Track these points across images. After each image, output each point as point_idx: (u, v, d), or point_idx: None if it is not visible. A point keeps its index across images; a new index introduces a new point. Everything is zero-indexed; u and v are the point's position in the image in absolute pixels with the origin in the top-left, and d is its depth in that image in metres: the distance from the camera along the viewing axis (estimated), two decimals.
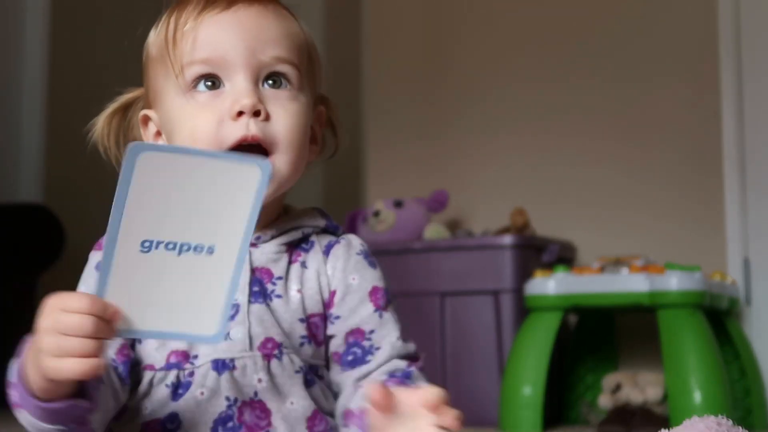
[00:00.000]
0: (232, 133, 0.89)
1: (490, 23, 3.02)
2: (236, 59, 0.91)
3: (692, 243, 2.63)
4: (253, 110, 0.89)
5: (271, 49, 0.92)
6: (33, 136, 3.74)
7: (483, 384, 2.50)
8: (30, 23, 3.77)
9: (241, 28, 0.91)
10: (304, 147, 0.94)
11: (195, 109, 0.91)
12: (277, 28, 0.93)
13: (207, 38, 0.91)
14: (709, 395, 2.10)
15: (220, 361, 0.90)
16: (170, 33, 0.93)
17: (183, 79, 0.91)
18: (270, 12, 0.94)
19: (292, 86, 0.93)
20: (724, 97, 2.63)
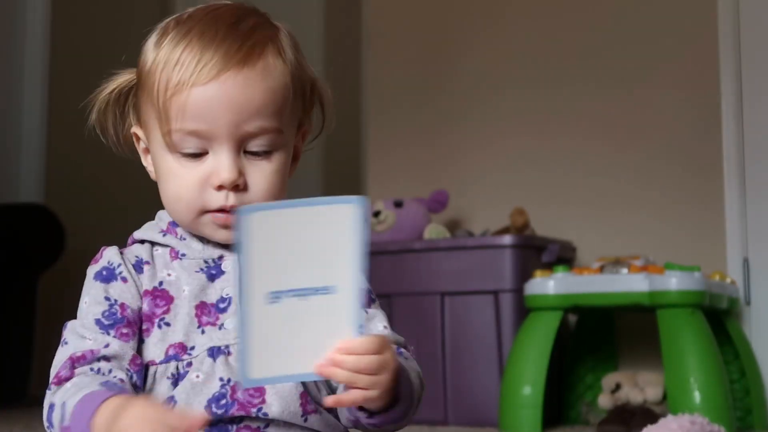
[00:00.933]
0: (213, 201, 0.97)
1: (491, 23, 3.02)
2: (221, 133, 0.96)
3: (692, 243, 2.63)
4: (231, 186, 0.97)
5: (255, 120, 0.97)
6: (33, 136, 3.74)
7: (483, 384, 2.50)
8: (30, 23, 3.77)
9: (228, 101, 0.96)
10: (282, 194, 1.01)
11: (178, 171, 0.98)
12: (262, 94, 0.97)
13: (196, 109, 0.96)
14: (709, 395, 2.11)
15: (215, 348, 0.96)
16: (160, 82, 0.97)
17: (169, 139, 0.98)
18: (258, 74, 0.97)
19: (273, 149, 0.99)
20: (723, 97, 2.63)
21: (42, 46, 3.78)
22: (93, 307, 0.98)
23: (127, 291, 0.99)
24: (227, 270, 1.00)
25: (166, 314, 0.98)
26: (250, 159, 0.98)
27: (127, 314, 0.97)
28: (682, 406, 2.11)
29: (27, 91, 3.75)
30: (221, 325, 0.97)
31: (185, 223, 1.01)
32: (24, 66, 3.76)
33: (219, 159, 0.97)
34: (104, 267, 1.00)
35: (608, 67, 2.82)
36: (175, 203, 0.99)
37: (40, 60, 3.77)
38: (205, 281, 1.00)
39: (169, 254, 1.02)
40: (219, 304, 0.99)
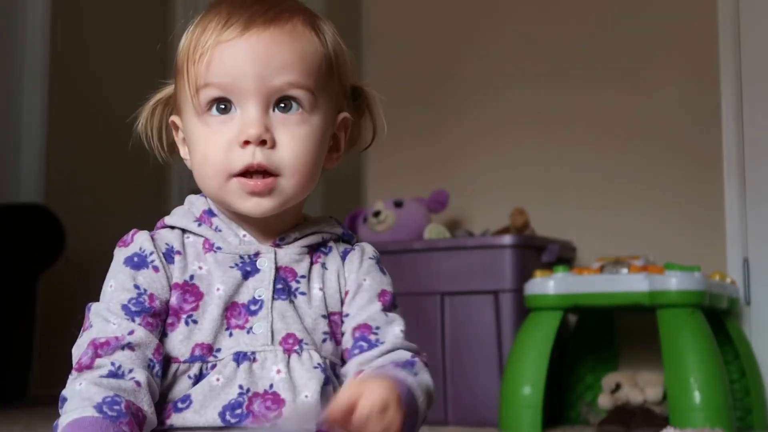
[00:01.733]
0: (240, 159, 0.94)
1: (491, 24, 3.02)
2: (247, 86, 0.94)
3: (692, 243, 2.63)
4: (258, 140, 0.94)
5: (283, 74, 0.95)
6: (33, 136, 3.74)
7: (483, 384, 2.50)
8: (30, 23, 3.77)
9: (253, 55, 0.94)
10: (313, 167, 0.98)
11: (207, 133, 0.96)
12: (290, 52, 0.95)
13: (220, 64, 0.94)
14: (709, 395, 2.11)
15: (241, 354, 0.95)
16: (190, 51, 0.97)
17: (197, 101, 0.96)
18: (285, 34, 0.96)
19: (304, 109, 0.96)
20: (723, 97, 2.63)
21: (42, 46, 3.78)
22: (120, 293, 0.95)
23: (158, 281, 0.96)
24: (262, 268, 0.98)
25: (195, 311, 0.96)
26: (280, 117, 0.95)
27: (155, 305, 0.95)
28: (682, 406, 2.11)
29: (27, 91, 3.75)
30: (250, 328, 0.96)
31: (213, 191, 0.97)
32: (24, 66, 3.76)
33: (246, 114, 0.95)
34: (136, 253, 0.97)
35: (608, 67, 2.82)
36: (202, 167, 0.97)
37: (40, 60, 3.77)
38: (240, 279, 0.97)
39: (202, 245, 0.99)
40: (250, 306, 0.97)
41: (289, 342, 0.96)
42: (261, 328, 0.96)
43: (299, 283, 0.99)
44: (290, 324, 0.97)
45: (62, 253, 3.21)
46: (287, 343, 0.96)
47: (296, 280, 0.99)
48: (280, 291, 0.98)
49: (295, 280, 0.99)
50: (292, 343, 0.96)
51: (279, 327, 0.96)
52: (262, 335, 0.95)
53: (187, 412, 0.93)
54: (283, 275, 0.99)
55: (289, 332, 0.96)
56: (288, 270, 0.99)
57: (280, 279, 0.98)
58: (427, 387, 0.97)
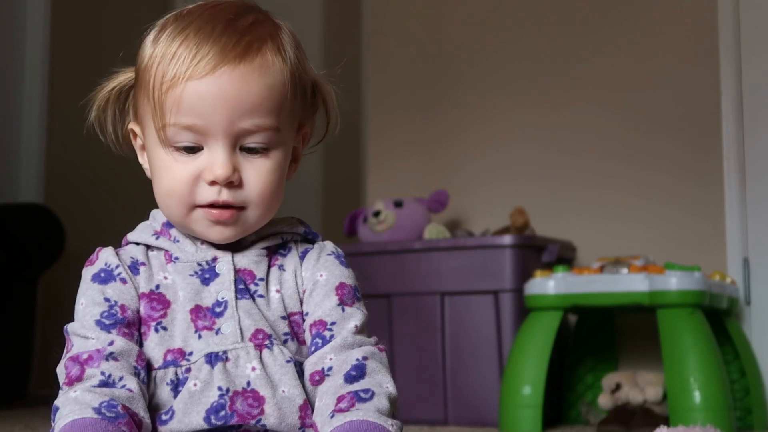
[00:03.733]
0: (205, 195, 0.97)
1: (492, 24, 3.02)
2: (216, 128, 0.95)
3: (692, 243, 2.63)
4: (225, 182, 0.96)
5: (251, 117, 0.96)
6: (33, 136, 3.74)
7: (483, 384, 2.50)
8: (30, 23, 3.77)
9: (224, 97, 0.94)
10: (277, 196, 1.00)
11: (172, 166, 0.97)
12: (259, 91, 0.96)
13: (191, 105, 0.95)
14: (709, 395, 2.11)
15: (213, 354, 0.95)
16: (155, 78, 0.96)
17: (164, 134, 0.97)
18: (255, 70, 0.96)
19: (269, 148, 0.98)
20: (723, 97, 2.63)
21: (42, 46, 3.78)
22: (91, 308, 0.97)
23: (127, 292, 0.98)
24: (221, 272, 1.00)
25: (163, 318, 0.97)
26: (246, 156, 0.97)
27: (128, 315, 0.96)
28: (682, 406, 2.11)
29: (27, 91, 3.75)
30: (218, 329, 0.97)
31: (177, 220, 0.99)
32: (24, 66, 3.76)
33: (213, 155, 0.96)
34: (102, 269, 0.99)
35: (609, 67, 2.82)
36: (167, 197, 0.98)
37: (40, 60, 3.77)
38: (199, 285, 0.99)
39: (163, 256, 1.01)
40: (215, 308, 0.98)
41: (258, 337, 0.97)
42: (229, 327, 0.97)
43: (257, 286, 1.00)
44: (257, 320, 0.98)
45: (62, 253, 3.21)
46: (257, 338, 0.97)
47: (255, 282, 1.00)
48: (242, 291, 0.99)
49: (254, 282, 1.00)
50: (261, 338, 0.97)
51: (247, 324, 0.97)
52: (231, 334, 0.96)
53: (172, 423, 0.94)
54: (243, 277, 1.00)
55: (257, 328, 0.97)
56: (247, 272, 1.00)
57: (240, 280, 0.99)
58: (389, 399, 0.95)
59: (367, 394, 0.93)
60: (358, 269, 1.08)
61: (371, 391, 0.94)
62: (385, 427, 0.90)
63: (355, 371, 0.95)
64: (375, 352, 0.98)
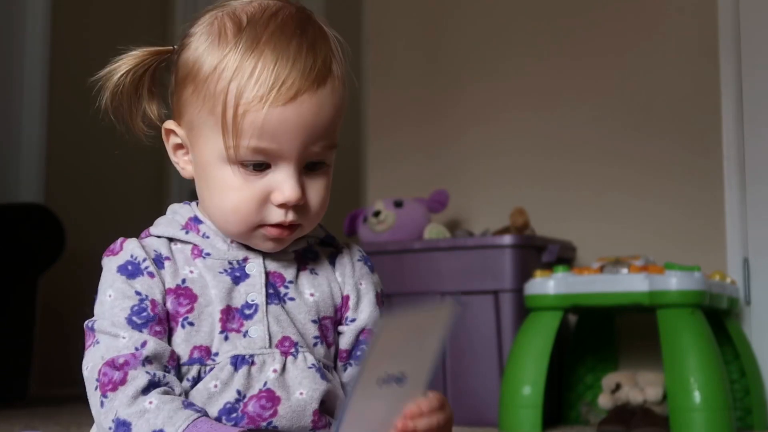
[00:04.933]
0: (273, 217, 0.96)
1: (492, 24, 3.02)
2: (290, 153, 0.94)
3: (692, 243, 2.63)
4: (294, 204, 0.96)
5: (322, 141, 0.96)
6: (33, 136, 3.74)
7: (483, 384, 2.50)
8: (30, 23, 3.77)
9: (303, 124, 0.94)
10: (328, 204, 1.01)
11: (240, 185, 0.95)
12: (331, 115, 0.96)
13: (271, 130, 0.93)
14: (709, 395, 2.11)
15: (240, 357, 0.95)
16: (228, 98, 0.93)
17: (235, 153, 0.94)
18: (328, 95, 0.95)
19: (329, 163, 0.99)
20: (723, 97, 2.63)
21: (42, 46, 3.78)
22: (121, 302, 0.94)
23: (155, 286, 0.95)
24: (252, 273, 0.99)
25: (190, 313, 0.96)
26: (310, 175, 0.97)
27: (158, 311, 0.95)
28: (682, 406, 2.11)
29: (27, 91, 3.75)
30: (245, 332, 0.96)
31: (235, 234, 0.98)
32: (24, 66, 3.76)
33: (284, 177, 0.95)
34: (128, 261, 0.96)
35: (609, 66, 2.82)
36: (232, 215, 0.96)
37: (40, 60, 3.77)
38: (231, 284, 0.97)
39: (190, 251, 0.99)
40: (244, 310, 0.97)
41: (285, 345, 0.97)
42: (258, 332, 0.96)
43: (288, 289, 1.00)
44: (285, 327, 0.98)
45: (62, 253, 3.21)
46: (283, 346, 0.97)
47: (284, 285, 1.00)
48: (272, 295, 0.99)
49: (284, 285, 1.00)
50: (288, 346, 0.97)
51: (275, 330, 0.97)
52: (260, 338, 0.96)
53: None
54: (272, 280, 1.00)
55: (285, 335, 0.97)
56: (276, 275, 1.00)
57: (270, 284, 0.99)
58: None
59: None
60: None
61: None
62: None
63: None
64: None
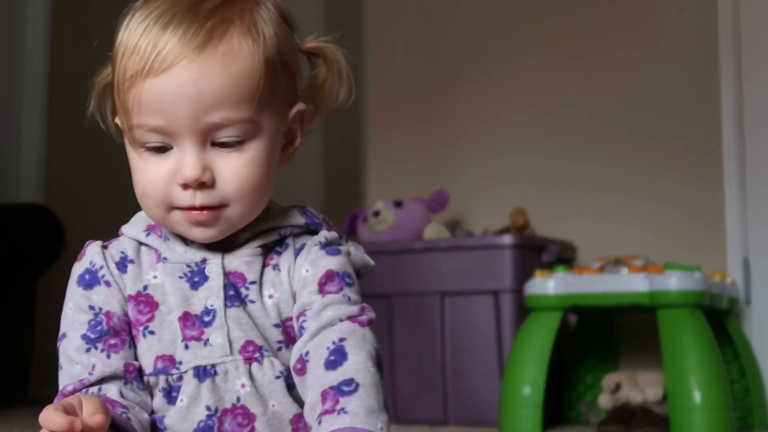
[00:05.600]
0: (181, 200, 0.91)
1: (492, 24, 3.02)
2: (180, 127, 0.89)
3: (692, 243, 2.63)
4: (196, 183, 0.90)
5: (217, 111, 0.89)
6: (33, 136, 3.74)
7: (483, 384, 2.50)
8: (30, 23, 3.77)
9: (184, 93, 0.88)
10: (261, 190, 0.93)
11: (144, 168, 0.93)
12: (224, 81, 0.89)
13: (151, 104, 0.89)
14: (709, 395, 2.10)
15: (201, 368, 0.92)
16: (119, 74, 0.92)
17: (131, 137, 0.92)
18: (218, 60, 0.89)
19: (244, 139, 0.91)
20: (724, 96, 2.63)
21: (42, 46, 3.78)
22: (78, 315, 0.95)
23: (112, 296, 0.94)
24: (211, 275, 0.94)
25: (150, 322, 0.94)
26: (219, 151, 0.91)
27: (113, 323, 0.93)
28: (682, 406, 2.11)
29: (27, 91, 3.75)
30: (206, 340, 0.93)
31: (157, 220, 0.95)
32: (24, 66, 3.76)
33: (182, 154, 0.90)
34: (87, 269, 0.96)
35: (609, 66, 2.82)
36: (143, 199, 0.94)
37: (40, 60, 3.77)
38: (188, 290, 0.94)
39: (155, 254, 0.97)
40: (203, 317, 0.93)
41: (248, 350, 0.93)
42: (218, 339, 0.92)
43: (249, 290, 0.94)
44: (247, 331, 0.93)
45: (62, 253, 3.21)
46: (247, 351, 0.93)
47: (245, 286, 0.94)
48: (232, 298, 0.94)
49: (245, 286, 0.94)
50: (252, 351, 0.93)
51: (236, 335, 0.93)
52: (220, 346, 0.92)
53: None
54: (233, 281, 0.94)
55: (247, 339, 0.93)
56: (237, 275, 0.95)
57: (230, 285, 0.94)
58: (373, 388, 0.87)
59: (350, 386, 0.86)
60: None
61: (354, 383, 0.86)
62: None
63: (333, 356, 0.88)
64: (354, 329, 0.90)
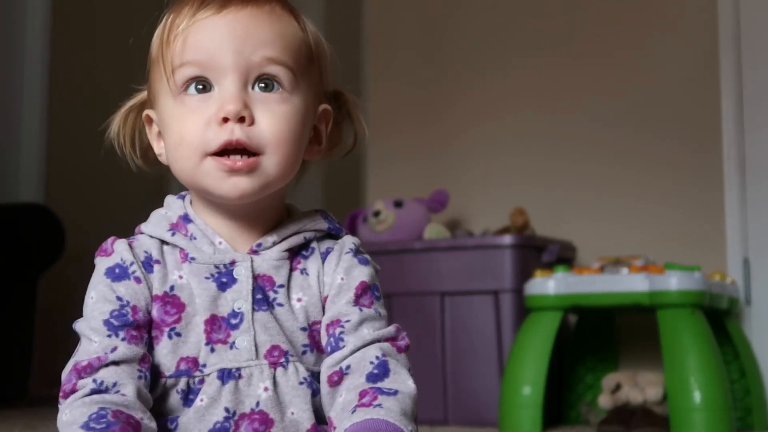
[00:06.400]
0: (217, 137, 0.90)
1: (492, 24, 3.02)
2: (225, 62, 0.91)
3: (692, 243, 2.63)
4: (237, 117, 0.90)
5: (261, 50, 0.92)
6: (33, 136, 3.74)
7: (483, 384, 2.50)
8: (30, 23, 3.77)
9: (231, 30, 0.91)
10: (296, 148, 0.94)
11: (184, 113, 0.92)
12: (269, 29, 0.93)
13: (197, 42, 0.92)
14: (709, 395, 2.11)
15: (226, 371, 0.92)
16: (165, 35, 0.94)
17: (173, 81, 0.92)
18: (264, 13, 0.93)
19: (284, 88, 0.93)
20: (723, 96, 2.63)
21: (42, 46, 3.78)
22: (101, 305, 0.92)
23: (140, 293, 0.93)
24: (239, 278, 0.94)
25: (177, 323, 0.93)
26: (260, 95, 0.92)
27: (139, 318, 0.92)
28: (682, 406, 2.11)
29: (27, 91, 3.75)
30: (232, 343, 0.92)
31: (188, 173, 0.93)
32: (24, 66, 3.76)
33: (224, 91, 0.91)
34: (117, 263, 0.94)
35: (610, 66, 2.82)
36: (177, 148, 0.93)
37: (40, 60, 3.77)
38: (216, 291, 0.93)
39: (179, 253, 0.96)
40: (230, 320, 0.93)
41: (274, 355, 0.93)
42: (244, 342, 0.92)
43: (277, 294, 0.95)
44: (274, 336, 0.93)
45: (62, 253, 3.21)
46: (272, 356, 0.93)
47: (274, 290, 0.95)
48: (260, 301, 0.94)
49: (273, 290, 0.95)
50: (277, 356, 0.93)
51: (263, 340, 0.93)
52: (246, 350, 0.92)
53: None
54: (261, 284, 0.95)
55: (273, 344, 0.93)
56: (266, 278, 0.95)
57: (258, 289, 0.94)
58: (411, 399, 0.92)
59: (391, 390, 0.90)
60: None
61: (395, 390, 0.91)
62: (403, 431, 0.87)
63: (377, 370, 0.92)
64: (393, 352, 0.95)
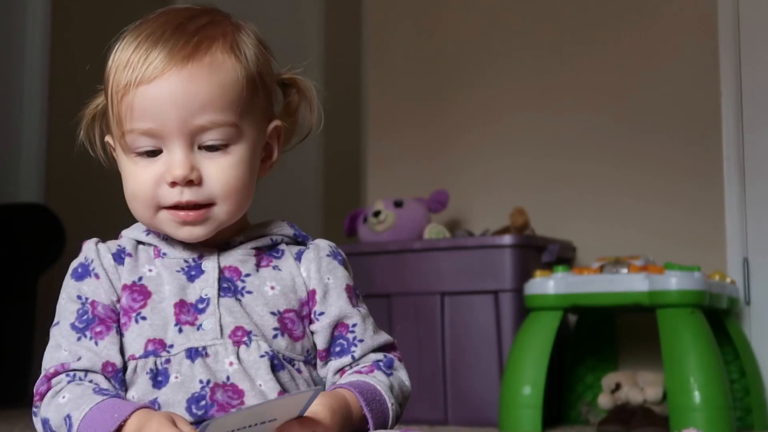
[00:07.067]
0: (168, 197, 0.99)
1: (492, 25, 3.02)
2: (170, 129, 0.97)
3: (692, 243, 2.63)
4: (184, 181, 0.98)
5: (203, 114, 0.97)
6: (33, 136, 3.74)
7: (483, 384, 2.50)
8: (30, 23, 3.77)
9: (173, 97, 0.97)
10: (245, 191, 1.01)
11: (136, 170, 1.00)
12: (209, 88, 0.98)
13: (143, 110, 0.98)
14: (709, 395, 2.11)
15: (193, 350, 0.98)
16: (113, 88, 1.00)
17: (124, 142, 1.00)
18: (204, 69, 0.98)
19: (229, 144, 1.00)
20: (723, 96, 2.63)
21: (42, 46, 3.78)
22: (69, 305, 1.02)
23: (100, 287, 1.01)
24: (206, 269, 1.02)
25: (143, 308, 1.00)
26: (205, 154, 0.99)
27: (98, 312, 1.00)
28: (682, 406, 2.11)
29: (27, 91, 3.75)
30: (199, 325, 0.99)
31: (146, 222, 1.02)
32: (24, 66, 3.76)
33: (171, 155, 0.98)
34: (80, 263, 1.04)
35: (610, 66, 2.82)
36: (132, 201, 1.01)
37: (40, 61, 3.77)
38: (185, 281, 1.01)
39: (152, 251, 1.04)
40: (198, 304, 1.00)
41: (237, 334, 0.99)
42: (210, 324, 0.99)
43: (245, 282, 1.03)
44: (238, 318, 1.00)
45: (62, 253, 3.21)
46: (236, 335, 0.99)
47: (241, 279, 1.03)
48: (225, 290, 1.01)
49: (240, 279, 1.03)
50: (240, 335, 0.99)
51: (227, 321, 1.00)
52: (212, 330, 0.99)
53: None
54: (228, 275, 1.03)
55: (237, 325, 1.00)
56: (233, 269, 1.03)
57: (225, 279, 1.02)
58: (401, 385, 1.04)
59: (389, 370, 1.04)
60: (359, 269, 1.10)
61: (393, 373, 1.04)
62: (386, 403, 0.99)
63: (383, 363, 1.05)
64: (393, 359, 1.07)
